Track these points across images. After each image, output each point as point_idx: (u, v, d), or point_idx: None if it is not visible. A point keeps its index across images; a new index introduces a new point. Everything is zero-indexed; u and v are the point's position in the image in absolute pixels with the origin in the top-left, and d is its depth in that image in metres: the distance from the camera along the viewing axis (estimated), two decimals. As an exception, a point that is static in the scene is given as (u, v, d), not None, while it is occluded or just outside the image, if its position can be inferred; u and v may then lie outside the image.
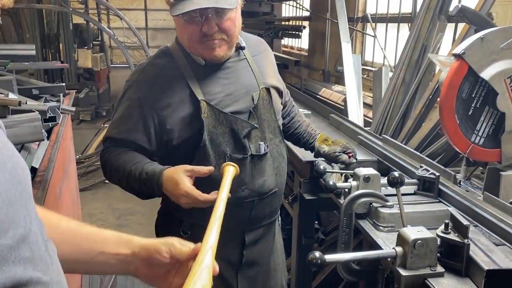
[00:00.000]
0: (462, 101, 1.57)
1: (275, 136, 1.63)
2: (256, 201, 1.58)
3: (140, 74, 1.51)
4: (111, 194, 5.13)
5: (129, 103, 1.49)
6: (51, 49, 8.58)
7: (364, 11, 5.81)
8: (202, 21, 1.40)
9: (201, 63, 1.51)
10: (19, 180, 0.60)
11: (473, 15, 1.85)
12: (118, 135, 1.50)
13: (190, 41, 1.46)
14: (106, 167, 1.49)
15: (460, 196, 1.53)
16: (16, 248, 0.56)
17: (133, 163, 1.42)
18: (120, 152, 1.47)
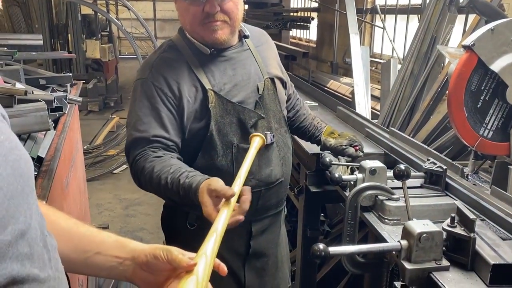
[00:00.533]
0: (471, 93, 1.54)
1: (280, 126, 1.64)
2: (263, 190, 1.59)
3: (151, 70, 1.49)
4: (119, 185, 5.17)
5: (149, 100, 1.45)
6: (60, 40, 8.62)
7: (373, 2, 5.74)
8: (204, 1, 1.41)
9: (206, 52, 1.51)
10: (21, 173, 0.58)
11: (483, 6, 1.82)
12: (150, 134, 1.43)
13: (192, 23, 1.46)
14: (141, 177, 1.42)
15: (467, 189, 1.52)
16: (14, 244, 0.55)
17: (169, 174, 1.35)
18: (154, 160, 1.40)
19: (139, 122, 1.45)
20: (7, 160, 0.56)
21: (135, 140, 1.45)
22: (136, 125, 1.45)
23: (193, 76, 1.49)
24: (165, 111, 1.45)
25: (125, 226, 4.23)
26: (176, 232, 1.66)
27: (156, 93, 1.45)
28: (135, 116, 1.46)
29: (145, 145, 1.43)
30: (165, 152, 1.44)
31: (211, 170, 1.46)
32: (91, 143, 6.34)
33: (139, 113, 1.45)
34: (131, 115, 1.49)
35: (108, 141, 6.31)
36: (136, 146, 1.44)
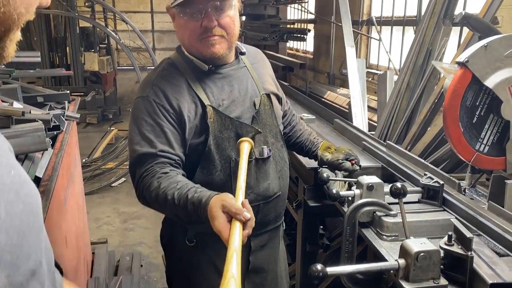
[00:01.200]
0: (466, 109, 1.55)
1: (277, 140, 1.66)
2: (262, 205, 1.60)
3: (152, 87, 1.50)
4: (117, 198, 5.15)
5: (151, 116, 1.46)
6: (58, 53, 8.65)
7: (369, 14, 5.79)
8: (202, 16, 1.43)
9: (204, 69, 1.53)
10: (32, 209, 0.56)
11: (476, 22, 1.84)
12: (155, 149, 1.43)
13: (191, 38, 1.49)
14: (146, 194, 1.41)
15: (464, 205, 1.52)
16: (25, 285, 0.53)
17: (176, 190, 1.35)
18: (162, 177, 1.39)
19: (143, 139, 1.45)
20: (19, 195, 0.54)
21: (141, 156, 1.44)
22: (140, 142, 1.45)
23: (192, 92, 1.51)
24: (168, 126, 1.46)
25: (124, 240, 4.21)
26: (175, 248, 1.67)
27: (158, 109, 1.46)
28: (138, 133, 1.46)
29: (152, 161, 1.43)
30: (172, 168, 1.44)
31: (210, 185, 1.48)
32: (89, 156, 6.34)
33: (142, 129, 1.46)
34: (133, 133, 1.49)
35: (107, 154, 6.31)
36: (142, 162, 1.44)
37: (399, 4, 5.21)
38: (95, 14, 8.69)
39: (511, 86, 1.52)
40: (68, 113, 2.30)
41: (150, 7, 17.37)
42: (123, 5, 17.21)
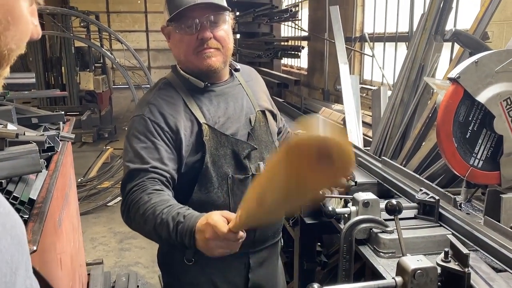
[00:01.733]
0: (459, 124, 1.56)
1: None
2: None
3: (148, 106, 1.51)
4: (113, 218, 5.11)
5: (145, 134, 1.46)
6: (53, 73, 8.69)
7: (362, 30, 5.87)
8: (198, 29, 1.46)
9: (200, 86, 1.55)
10: (19, 241, 0.55)
11: (467, 38, 1.87)
12: (147, 164, 1.42)
13: (187, 52, 1.51)
14: (133, 207, 1.37)
15: (460, 220, 1.52)
16: None
17: (166, 207, 1.32)
18: (153, 193, 1.36)
19: (136, 156, 1.44)
20: (5, 228, 0.53)
21: (132, 172, 1.43)
22: (133, 159, 1.44)
23: (188, 111, 1.52)
24: (162, 144, 1.46)
25: (120, 260, 4.16)
26: (173, 268, 1.65)
27: (152, 128, 1.47)
28: (132, 151, 1.46)
29: (142, 175, 1.41)
30: (162, 186, 1.42)
31: (208, 203, 1.49)
32: (85, 176, 6.31)
33: (135, 147, 1.45)
34: (127, 150, 1.48)
35: (102, 173, 6.28)
36: (133, 178, 1.42)
37: (391, 21, 5.29)
38: (90, 34, 8.74)
39: (503, 101, 1.54)
40: (62, 134, 2.29)
41: (145, 26, 17.54)
42: (118, 24, 17.38)
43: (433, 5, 2.68)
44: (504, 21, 3.25)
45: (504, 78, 1.52)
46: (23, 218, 1.45)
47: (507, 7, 3.21)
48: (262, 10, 7.10)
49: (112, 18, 17.32)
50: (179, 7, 1.45)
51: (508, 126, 1.55)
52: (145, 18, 17.46)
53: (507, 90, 1.52)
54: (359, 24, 5.93)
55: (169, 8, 1.50)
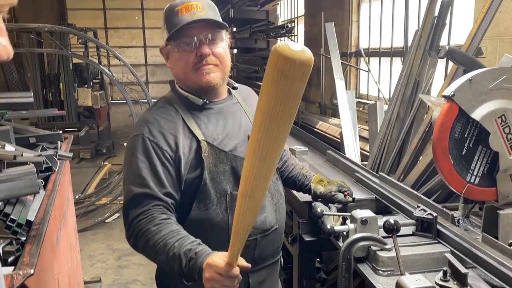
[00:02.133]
0: (455, 141, 1.58)
1: None
2: (259, 239, 1.59)
3: (147, 125, 1.51)
4: (111, 234, 5.08)
5: (146, 155, 1.47)
6: (51, 89, 8.71)
7: (357, 45, 5.93)
8: (197, 46, 1.49)
9: (199, 103, 1.56)
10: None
11: (460, 56, 1.89)
12: (149, 189, 1.43)
13: (186, 69, 1.52)
14: (140, 238, 1.39)
15: (458, 237, 1.52)
16: None
17: (176, 240, 1.35)
18: (162, 223, 1.39)
19: (138, 178, 1.44)
20: None
21: (136, 197, 1.43)
22: (135, 181, 1.44)
23: (187, 129, 1.53)
24: (161, 167, 1.46)
25: (118, 278, 4.12)
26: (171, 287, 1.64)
27: (151, 148, 1.47)
28: (133, 172, 1.46)
29: (148, 203, 1.42)
30: (169, 214, 1.43)
31: (206, 220, 1.49)
32: (83, 192, 6.28)
33: (136, 168, 1.45)
34: (128, 171, 1.48)
35: (100, 189, 6.26)
36: (137, 204, 1.42)
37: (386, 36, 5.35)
38: (88, 51, 8.80)
39: (497, 118, 1.55)
40: (60, 153, 2.30)
41: (143, 41, 17.67)
42: (116, 40, 17.50)
43: (427, 22, 2.72)
44: (497, 37, 3.30)
45: (498, 95, 1.54)
46: (21, 241, 1.45)
47: (499, 22, 3.26)
48: (259, 26, 7.18)
49: (110, 34, 17.45)
50: (177, 25, 1.48)
51: (503, 143, 1.56)
52: (143, 33, 17.60)
53: (501, 107, 1.54)
54: (354, 40, 6.00)
55: (168, 28, 1.52)
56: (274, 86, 0.97)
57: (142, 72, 17.54)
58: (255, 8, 7.76)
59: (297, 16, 9.36)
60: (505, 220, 1.57)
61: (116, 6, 17.24)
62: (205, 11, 1.49)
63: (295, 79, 0.94)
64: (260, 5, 7.64)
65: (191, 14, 1.47)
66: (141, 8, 17.41)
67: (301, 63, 0.92)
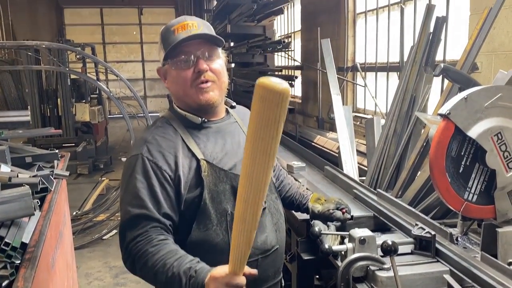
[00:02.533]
0: (452, 159, 1.58)
1: (271, 192, 1.66)
2: (260, 259, 1.56)
3: (146, 145, 1.50)
4: (108, 251, 5.04)
5: (144, 176, 1.45)
6: (49, 105, 8.71)
7: (353, 60, 5.97)
8: (194, 62, 1.49)
9: (198, 122, 1.56)
10: None
11: (455, 74, 1.90)
12: (147, 210, 1.41)
13: (185, 87, 1.52)
14: (138, 260, 1.38)
15: (457, 256, 1.51)
16: None
17: (175, 260, 1.34)
18: (159, 244, 1.38)
19: (135, 198, 1.43)
20: None
21: (133, 219, 1.41)
22: (132, 202, 1.43)
23: (186, 148, 1.52)
24: (160, 187, 1.44)
25: (115, 296, 4.08)
26: None
27: (150, 168, 1.45)
28: (131, 193, 1.44)
29: (145, 224, 1.40)
30: (167, 235, 1.42)
31: (206, 241, 1.47)
32: (80, 209, 6.24)
33: (134, 189, 1.44)
34: (126, 192, 1.47)
35: (98, 205, 6.22)
36: (134, 225, 1.41)
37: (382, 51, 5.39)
38: (86, 67, 8.84)
39: (493, 135, 1.55)
40: (57, 172, 2.29)
41: (141, 56, 17.78)
42: (114, 55, 17.61)
43: (422, 38, 2.74)
44: (492, 52, 3.32)
45: (494, 113, 1.55)
46: (15, 264, 1.43)
47: (494, 38, 3.29)
48: (256, 42, 7.23)
49: (108, 49, 17.57)
50: (174, 42, 1.48)
51: (500, 160, 1.56)
52: (141, 48, 17.72)
53: (497, 125, 1.54)
54: (350, 54, 6.04)
55: (165, 47, 1.52)
56: (256, 111, 1.06)
57: (140, 86, 17.62)
58: (252, 23, 7.82)
59: (293, 31, 9.44)
60: (504, 238, 1.56)
61: (114, 22, 17.39)
62: (200, 28, 1.51)
63: (273, 104, 1.04)
64: (257, 21, 7.69)
65: (187, 32, 1.48)
66: (139, 23, 17.56)
67: (278, 91, 1.03)
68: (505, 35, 3.26)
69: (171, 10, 17.58)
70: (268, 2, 6.98)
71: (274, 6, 6.87)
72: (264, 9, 6.99)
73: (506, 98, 1.56)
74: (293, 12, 9.42)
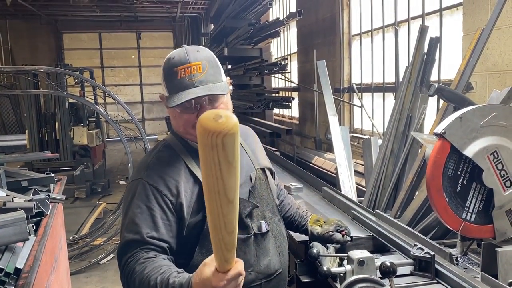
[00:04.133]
0: (449, 178, 1.57)
1: (274, 215, 1.64)
2: (263, 284, 1.54)
3: (147, 170, 1.50)
4: (105, 276, 4.96)
5: (143, 200, 1.44)
6: (47, 128, 8.72)
7: (350, 81, 6.02)
8: (197, 109, 1.47)
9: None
10: None
11: (450, 94, 1.92)
12: (142, 235, 1.40)
13: (186, 128, 1.51)
14: (130, 280, 1.37)
15: (457, 276, 1.49)
16: None
17: (159, 274, 1.31)
18: (145, 262, 1.36)
19: (132, 224, 1.42)
20: None
21: (127, 243, 1.41)
22: (129, 227, 1.42)
23: (188, 171, 1.50)
24: (159, 211, 1.43)
25: (112, 322, 3.99)
26: None
27: (151, 193, 1.45)
28: (128, 218, 1.44)
29: (137, 247, 1.39)
30: (156, 253, 1.39)
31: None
32: (77, 233, 6.17)
33: (131, 214, 1.43)
34: (125, 217, 1.46)
35: (95, 229, 6.15)
36: (127, 249, 1.40)
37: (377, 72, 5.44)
38: (85, 91, 8.88)
39: (489, 154, 1.55)
40: (53, 196, 2.27)
41: (139, 79, 17.90)
42: (113, 78, 17.73)
43: (416, 58, 2.78)
44: (486, 72, 3.36)
45: (489, 132, 1.55)
46: (8, 291, 1.40)
47: (487, 58, 3.33)
48: (253, 64, 7.30)
49: (107, 73, 17.69)
50: (177, 89, 1.45)
51: (497, 179, 1.56)
52: (139, 72, 17.85)
53: (492, 144, 1.55)
54: (346, 75, 6.10)
55: (168, 88, 1.49)
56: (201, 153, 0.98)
57: (138, 110, 17.67)
58: (249, 46, 7.92)
59: (290, 53, 9.56)
60: (504, 257, 1.54)
61: (112, 46, 17.56)
62: (205, 72, 1.47)
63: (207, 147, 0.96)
64: (253, 43, 7.79)
65: (190, 78, 1.45)
66: (137, 47, 17.72)
67: (210, 131, 0.94)
68: (498, 55, 3.30)
69: (169, 34, 17.79)
70: (264, 25, 7.08)
71: (271, 29, 6.97)
72: (260, 32, 7.10)
73: (501, 117, 1.57)
74: (289, 34, 9.56)
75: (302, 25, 8.01)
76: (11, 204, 1.56)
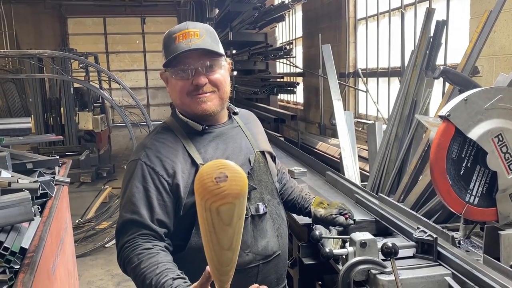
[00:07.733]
0: (453, 161, 1.56)
1: (273, 197, 1.65)
2: (261, 265, 1.55)
3: (145, 150, 1.51)
4: (111, 259, 5.02)
5: (140, 181, 1.46)
6: (52, 113, 8.75)
7: (355, 66, 5.97)
8: (193, 74, 1.48)
9: (198, 129, 1.56)
10: None
11: (455, 76, 1.90)
12: (140, 217, 1.42)
13: (181, 96, 1.52)
14: (127, 267, 1.39)
15: (459, 259, 1.49)
16: None
17: (154, 275, 1.31)
18: (143, 253, 1.36)
19: (129, 203, 1.44)
20: None
21: (124, 224, 1.43)
22: (126, 206, 1.44)
23: (186, 153, 1.52)
24: (156, 193, 1.45)
25: (117, 304, 4.06)
26: None
27: (148, 174, 1.46)
28: (126, 197, 1.46)
29: (134, 231, 1.41)
30: (155, 243, 1.40)
31: None
32: (83, 217, 6.24)
33: (129, 194, 1.45)
34: (123, 196, 1.49)
35: (100, 213, 6.21)
36: (125, 230, 1.42)
37: (383, 56, 5.39)
38: (89, 76, 8.87)
39: (494, 137, 1.54)
40: (58, 178, 2.29)
41: (143, 65, 17.85)
42: (117, 64, 17.69)
43: (422, 42, 2.74)
44: (493, 56, 3.32)
45: (494, 114, 1.54)
46: (14, 269, 1.43)
47: (494, 42, 3.29)
48: (257, 49, 7.25)
49: (111, 58, 17.65)
50: (174, 52, 1.47)
51: (501, 162, 1.55)
52: (144, 57, 17.80)
53: (497, 127, 1.53)
54: (352, 60, 6.05)
55: (166, 54, 1.52)
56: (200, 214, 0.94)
57: (143, 95, 17.68)
58: (254, 30, 7.86)
59: (295, 38, 9.48)
60: (506, 240, 1.54)
61: (117, 31, 17.49)
62: (202, 38, 1.49)
63: (201, 208, 0.90)
64: (258, 28, 7.73)
65: (187, 42, 1.47)
66: (142, 32, 17.65)
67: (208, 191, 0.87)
68: (506, 38, 3.25)
69: (173, 19, 17.68)
70: (269, 9, 7.01)
71: (276, 12, 6.90)
72: (265, 16, 7.03)
73: (507, 100, 1.55)
74: (295, 18, 9.47)
75: (307, 9, 7.92)
76: (16, 185, 1.57)
